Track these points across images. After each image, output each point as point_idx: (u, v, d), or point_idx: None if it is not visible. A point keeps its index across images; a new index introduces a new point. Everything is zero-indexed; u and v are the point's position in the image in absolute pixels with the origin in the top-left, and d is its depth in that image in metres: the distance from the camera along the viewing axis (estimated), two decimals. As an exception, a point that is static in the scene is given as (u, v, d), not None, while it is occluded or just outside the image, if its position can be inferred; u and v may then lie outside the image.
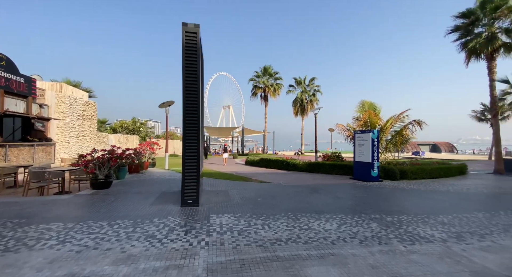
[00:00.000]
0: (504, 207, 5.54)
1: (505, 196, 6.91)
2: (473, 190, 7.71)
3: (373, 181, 9.00)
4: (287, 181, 9.01)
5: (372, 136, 9.03)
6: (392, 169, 9.53)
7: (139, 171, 10.06)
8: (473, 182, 9.33)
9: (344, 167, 10.88)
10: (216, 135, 48.94)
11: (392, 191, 7.34)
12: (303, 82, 30.49)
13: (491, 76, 12.24)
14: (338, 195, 6.56)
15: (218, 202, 5.45)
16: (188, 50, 5.02)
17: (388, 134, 11.20)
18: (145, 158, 11.21)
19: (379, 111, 11.51)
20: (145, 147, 11.36)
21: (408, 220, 4.47)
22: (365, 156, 9.25)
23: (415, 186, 8.16)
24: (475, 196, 6.84)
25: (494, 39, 11.50)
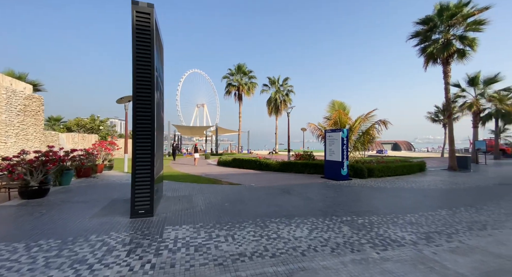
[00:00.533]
0: (463, 202, 5.79)
1: (461, 191, 7.34)
2: (433, 186, 8.11)
3: (343, 179, 9.04)
4: (259, 182, 8.61)
5: (342, 135, 9.06)
6: (360, 167, 9.70)
7: (90, 175, 8.78)
8: (432, 179, 9.92)
9: (316, 166, 10.86)
10: (189, 134, 47.00)
11: (361, 189, 7.35)
12: (277, 82, 30.56)
13: (446, 80, 13.30)
14: (310, 195, 6.32)
15: (178, 210, 4.78)
16: (140, 34, 4.27)
17: (357, 133, 11.47)
18: (99, 160, 9.88)
19: (348, 111, 11.75)
20: (100, 147, 10.01)
21: (379, 221, 4.32)
22: (335, 155, 9.26)
23: (382, 184, 8.34)
24: (435, 192, 7.15)
25: (449, 45, 12.47)
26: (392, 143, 64.17)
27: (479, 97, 17.96)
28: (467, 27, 12.31)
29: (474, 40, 12.26)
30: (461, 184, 8.51)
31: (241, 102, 30.33)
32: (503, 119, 23.61)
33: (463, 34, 12.46)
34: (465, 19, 12.01)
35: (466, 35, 12.35)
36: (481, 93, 17.89)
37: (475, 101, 18.04)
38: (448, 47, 12.54)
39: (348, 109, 11.85)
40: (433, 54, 13.28)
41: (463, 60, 13.04)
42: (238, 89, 29.83)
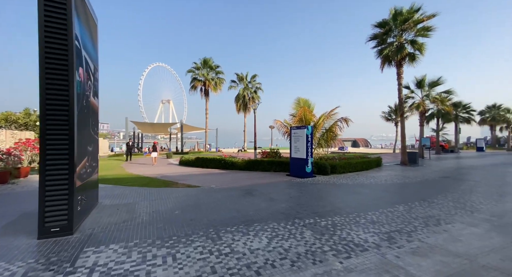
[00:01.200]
0: (416, 196, 6.01)
1: (413, 185, 7.76)
2: (389, 181, 8.48)
3: (307, 177, 8.94)
4: (222, 182, 7.96)
5: (306, 132, 8.93)
6: (324, 164, 9.75)
7: (8, 181, 7.04)
8: (388, 173, 10.49)
9: (282, 163, 10.64)
10: (151, 132, 43.68)
11: (325, 187, 7.26)
12: (245, 79, 30.00)
13: (399, 81, 14.35)
14: (273, 196, 5.92)
15: (111, 224, 3.88)
16: None
17: (320, 130, 11.58)
18: (24, 162, 8.06)
19: (313, 108, 11.81)
20: (24, 146, 8.17)
21: (341, 222, 4.08)
22: (300, 152, 9.11)
23: (344, 180, 8.44)
24: (392, 187, 7.41)
25: (402, 49, 13.42)
26: (352, 140, 69.19)
27: (425, 98, 19.99)
28: (417, 33, 13.36)
29: (423, 45, 13.38)
30: (413, 178, 9.09)
31: (208, 98, 29.03)
32: (443, 119, 26.92)
33: (413, 39, 13.50)
34: (415, 24, 13.00)
35: (416, 40, 13.41)
36: (426, 95, 19.93)
37: (422, 102, 20.03)
38: (401, 50, 13.46)
39: (313, 106, 11.91)
40: (388, 56, 14.16)
41: (413, 63, 14.18)
42: (205, 84, 28.45)
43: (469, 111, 30.11)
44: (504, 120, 37.95)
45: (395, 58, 13.76)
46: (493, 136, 47.17)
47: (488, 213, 4.60)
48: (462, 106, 28.53)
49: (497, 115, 38.48)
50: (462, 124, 30.97)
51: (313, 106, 11.88)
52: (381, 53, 14.51)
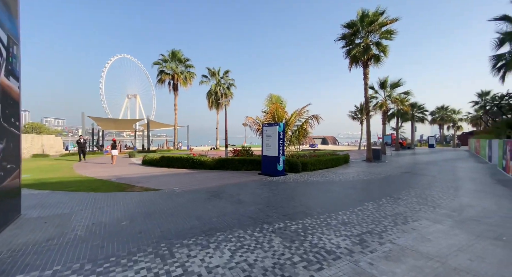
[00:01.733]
0: (383, 193, 6.09)
1: (379, 181, 7.98)
2: (357, 177, 8.65)
3: (279, 175, 8.69)
4: (187, 184, 7.25)
5: (278, 129, 8.65)
6: (295, 161, 9.61)
7: None
8: (355, 170, 10.80)
9: (253, 162, 10.26)
10: (112, 128, 39.94)
11: (296, 185, 7.05)
12: (217, 74, 28.93)
13: (365, 81, 14.98)
14: (242, 198, 5.47)
15: (29, 244, 3.03)
16: None
17: (292, 128, 11.46)
18: None
19: (285, 105, 11.63)
20: None
21: (313, 224, 3.80)
22: (272, 150, 8.81)
23: (314, 178, 8.37)
24: (360, 183, 7.51)
25: (368, 50, 13.99)
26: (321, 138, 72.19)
27: (387, 99, 21.38)
28: (381, 35, 14.01)
29: (386, 47, 14.10)
30: (378, 174, 9.43)
31: (177, 93, 27.37)
32: (401, 118, 29.28)
33: (378, 41, 14.14)
34: (380, 27, 13.60)
35: (381, 42, 14.07)
36: (388, 95, 21.33)
37: (384, 102, 21.40)
38: (367, 51, 14.02)
39: (285, 103, 11.72)
40: (356, 56, 14.65)
41: (378, 65, 14.89)
42: (173, 78, 26.72)
43: (423, 112, 33.26)
44: (450, 120, 42.91)
45: (361, 58, 14.28)
46: (441, 135, 53.13)
47: (448, 208, 4.75)
48: (417, 107, 31.38)
49: (445, 115, 43.35)
50: (417, 123, 34.11)
51: (285, 103, 11.71)
52: (349, 53, 14.95)
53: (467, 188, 6.65)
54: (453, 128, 44.29)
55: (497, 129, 13.17)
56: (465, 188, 6.65)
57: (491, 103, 26.72)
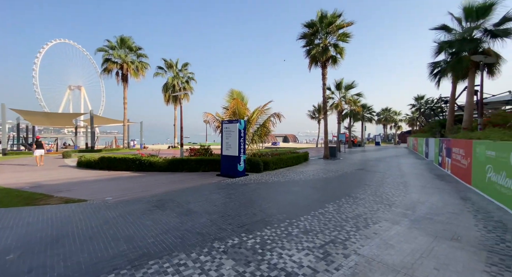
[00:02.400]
0: (341, 192, 6.01)
1: (336, 179, 8.06)
2: (317, 175, 8.62)
3: (239, 176, 8.08)
4: (126, 191, 6.06)
5: (239, 126, 8.02)
6: (257, 161, 9.14)
7: None
8: (314, 168, 10.91)
9: (212, 162, 9.42)
10: (47, 124, 33.72)
11: (256, 187, 6.54)
12: (174, 66, 26.70)
13: (324, 81, 15.47)
14: (193, 207, 4.67)
15: None
16: None
17: (254, 125, 10.99)
18: None
19: (246, 101, 11.07)
20: None
21: (272, 236, 3.28)
22: (232, 149, 8.15)
23: (276, 178, 8.03)
24: (319, 182, 7.42)
25: (327, 51, 14.41)
26: (283, 136, 74.43)
27: (342, 99, 22.77)
28: (338, 37, 14.56)
29: (343, 49, 14.74)
30: (335, 171, 9.64)
31: (127, 84, 24.35)
32: (353, 118, 31.80)
33: (336, 43, 14.68)
34: (338, 29, 14.10)
35: (338, 44, 14.63)
36: (343, 96, 22.73)
37: (340, 102, 22.75)
38: (326, 52, 14.42)
39: (246, 99, 11.15)
40: (315, 56, 14.95)
41: (335, 66, 15.49)
42: (122, 68, 23.65)
43: (371, 113, 36.83)
44: (392, 120, 48.70)
45: (320, 59, 14.63)
46: (385, 133, 59.96)
47: (402, 207, 4.82)
48: (367, 108, 34.56)
49: (388, 116, 48.99)
50: (366, 123, 37.63)
51: (247, 100, 11.14)
52: (309, 53, 15.19)
53: (414, 184, 7.10)
54: (395, 128, 50.47)
55: (432, 129, 15.06)
56: (412, 184, 7.09)
57: (425, 106, 31.08)
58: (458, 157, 7.86)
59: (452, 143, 8.80)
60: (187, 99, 27.51)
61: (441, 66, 13.95)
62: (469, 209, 4.63)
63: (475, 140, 6.42)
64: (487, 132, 6.22)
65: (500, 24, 9.76)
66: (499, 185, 4.77)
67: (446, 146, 9.67)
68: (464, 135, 7.71)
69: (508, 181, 4.39)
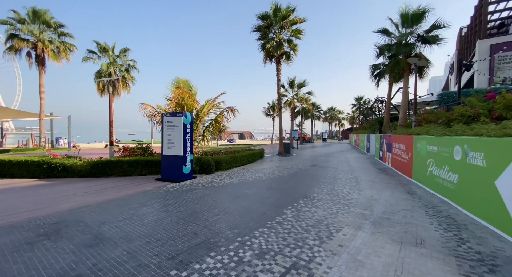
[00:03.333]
0: (298, 192, 5.54)
1: (291, 177, 7.68)
2: (272, 174, 8.10)
3: (185, 179, 6.87)
4: (8, 210, 4.22)
5: (184, 121, 6.77)
6: (207, 160, 8.05)
7: None
8: (270, 166, 10.46)
9: (150, 163, 7.88)
10: None
11: (204, 193, 5.51)
12: (110, 51, 22.65)
13: (278, 77, 15.25)
14: (105, 231, 3.35)
15: None
16: None
17: (205, 120, 9.81)
18: None
19: (195, 92, 9.74)
20: None
21: (216, 270, 2.38)
22: (176, 148, 6.85)
23: (229, 179, 7.13)
24: (275, 182, 6.87)
25: (281, 45, 14.15)
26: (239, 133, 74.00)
27: (295, 97, 23.33)
28: (292, 33, 14.47)
29: (296, 46, 14.73)
30: (290, 169, 9.34)
31: (44, 69, 19.54)
32: (304, 116, 33.37)
33: (289, 38, 14.56)
34: (291, 24, 13.97)
35: (291, 40, 14.54)
36: (296, 94, 23.30)
37: (293, 100, 23.27)
38: (280, 47, 14.15)
39: (195, 90, 9.82)
40: (270, 51, 14.55)
41: (289, 63, 15.43)
42: (36, 47, 18.78)
43: (319, 111, 39.45)
44: (337, 118, 53.56)
45: (275, 53, 14.29)
46: (330, 130, 65.64)
47: (359, 206, 4.56)
48: (316, 107, 36.80)
49: (333, 115, 53.63)
50: (315, 120, 40.17)
51: (196, 91, 9.80)
52: (264, 47, 14.71)
53: (364, 179, 7.22)
54: (339, 125, 55.67)
55: (372, 126, 16.57)
56: (363, 179, 7.19)
57: (363, 106, 34.87)
58: (399, 151, 8.43)
59: (393, 139, 9.49)
60: (127, 90, 23.88)
61: (380, 68, 15.35)
62: (419, 204, 4.67)
63: (415, 135, 6.83)
64: (426, 128, 6.65)
65: (430, 31, 11.12)
66: (441, 179, 4.97)
67: (386, 142, 10.46)
68: (403, 131, 8.31)
69: (451, 175, 4.55)
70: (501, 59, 13.80)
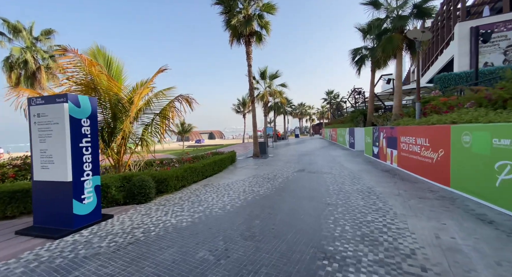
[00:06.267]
0: (302, 239, 2.82)
1: (279, 196, 5.01)
2: (249, 193, 5.34)
3: (82, 226, 3.59)
4: None
5: (73, 111, 3.50)
6: (141, 181, 4.81)
7: None
8: (245, 175, 7.70)
9: (22, 195, 4.35)
10: None
11: (102, 266, 2.44)
12: (26, 32, 17.20)
13: (249, 62, 12.46)
14: None
15: None
16: None
17: (144, 114, 6.53)
18: None
19: (121, 69, 6.26)
20: None
21: None
22: (58, 166, 3.50)
23: (175, 214, 4.12)
24: (255, 214, 4.11)
25: (250, 21, 11.39)
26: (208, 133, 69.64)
27: (268, 89, 20.83)
28: (262, 7, 11.78)
29: (268, 24, 12.10)
30: (273, 178, 6.67)
31: None
32: (277, 111, 31.30)
33: (260, 13, 11.85)
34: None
35: (262, 15, 11.86)
36: (269, 86, 20.81)
37: (265, 93, 20.75)
38: (249, 23, 11.37)
39: (121, 67, 6.33)
40: (236, 28, 11.67)
41: (260, 45, 12.76)
42: None
43: (291, 106, 37.90)
44: (307, 114, 53.12)
45: (243, 31, 11.45)
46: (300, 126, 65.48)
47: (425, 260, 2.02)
48: (288, 102, 35.07)
49: (304, 110, 53.07)
50: (288, 116, 38.55)
51: (121, 67, 6.30)
52: (229, 23, 11.78)
53: (383, 192, 4.85)
54: (309, 121, 55.44)
55: (355, 118, 14.88)
56: (381, 193, 4.81)
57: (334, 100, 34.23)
58: (415, 147, 6.34)
59: (399, 131, 7.46)
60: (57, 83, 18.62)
61: (361, 53, 13.60)
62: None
63: (455, 125, 4.67)
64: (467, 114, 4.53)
65: (425, 2, 9.47)
66: None
67: (387, 135, 8.46)
68: (422, 121, 6.22)
69: None
70: (481, 43, 13.20)
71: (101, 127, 5.61)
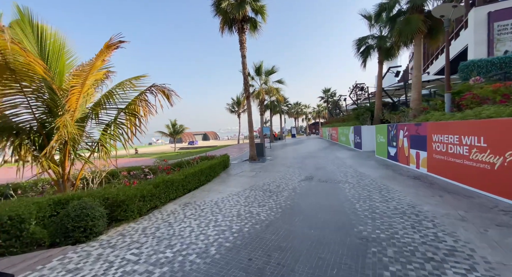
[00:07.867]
0: None
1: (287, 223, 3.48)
2: (244, 221, 3.80)
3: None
4: None
5: None
6: (82, 209, 3.18)
7: None
8: (239, 186, 6.12)
9: None
10: None
11: None
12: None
13: (243, 52, 10.89)
14: None
15: None
16: None
17: (101, 109, 4.89)
18: None
19: (60, 47, 4.53)
20: None
21: None
22: None
23: (118, 271, 2.52)
24: (239, 255, 2.52)
25: (244, 3, 9.84)
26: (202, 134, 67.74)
27: (264, 86, 19.30)
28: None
29: (263, 8, 10.58)
30: (276, 192, 5.12)
31: None
32: (273, 110, 29.82)
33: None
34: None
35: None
36: (265, 82, 19.28)
37: (261, 90, 19.21)
38: (242, 6, 9.84)
39: (62, 43, 4.62)
40: (227, 13, 10.12)
41: (255, 34, 11.28)
42: None
43: (288, 105, 36.52)
44: (303, 113, 51.88)
45: (236, 15, 9.88)
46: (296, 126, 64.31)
47: None
48: (285, 100, 33.65)
49: (299, 110, 51.83)
50: (284, 115, 37.14)
51: (63, 44, 4.55)
52: (219, 7, 10.22)
53: (432, 211, 3.35)
54: (306, 120, 54.22)
55: (361, 115, 13.48)
56: (432, 212, 3.31)
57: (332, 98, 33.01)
58: (460, 149, 4.88)
59: (430, 128, 6.01)
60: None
61: (367, 43, 12.22)
62: None
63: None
64: None
65: None
66: None
67: (409, 134, 7.02)
68: (471, 114, 4.75)
69: None
70: (502, 29, 12.00)
71: (29, 126, 3.94)
